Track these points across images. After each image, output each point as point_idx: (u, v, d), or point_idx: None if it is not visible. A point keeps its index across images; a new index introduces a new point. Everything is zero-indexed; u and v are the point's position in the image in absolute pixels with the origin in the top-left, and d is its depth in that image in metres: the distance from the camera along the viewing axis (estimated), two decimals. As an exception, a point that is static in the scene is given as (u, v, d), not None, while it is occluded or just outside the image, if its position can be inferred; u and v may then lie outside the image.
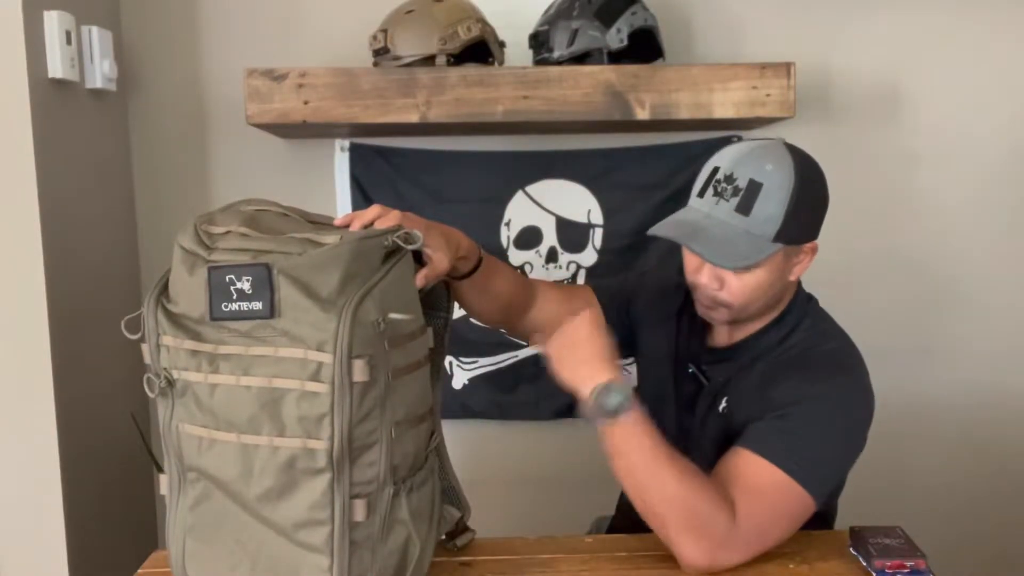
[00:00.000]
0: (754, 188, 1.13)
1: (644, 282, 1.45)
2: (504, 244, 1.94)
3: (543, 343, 1.15)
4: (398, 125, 1.70)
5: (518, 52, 1.79)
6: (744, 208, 1.13)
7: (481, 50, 1.70)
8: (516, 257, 1.95)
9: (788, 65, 1.71)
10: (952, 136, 1.97)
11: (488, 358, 1.97)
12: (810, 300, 1.30)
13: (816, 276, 1.28)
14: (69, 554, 1.53)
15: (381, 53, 1.70)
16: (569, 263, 1.96)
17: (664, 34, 1.78)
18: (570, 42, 1.70)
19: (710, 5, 1.92)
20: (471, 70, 1.67)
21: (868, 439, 1.18)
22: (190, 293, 0.93)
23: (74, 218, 1.59)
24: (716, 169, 1.17)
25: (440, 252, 1.06)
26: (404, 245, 0.97)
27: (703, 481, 1.07)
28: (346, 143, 1.90)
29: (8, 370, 1.49)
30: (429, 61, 1.67)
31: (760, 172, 1.13)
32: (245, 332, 0.91)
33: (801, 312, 1.26)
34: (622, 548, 1.15)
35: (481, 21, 1.69)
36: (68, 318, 1.53)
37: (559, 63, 1.71)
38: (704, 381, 1.29)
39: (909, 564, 1.07)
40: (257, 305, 0.90)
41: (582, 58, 1.71)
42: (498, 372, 1.98)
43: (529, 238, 1.95)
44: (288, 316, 0.89)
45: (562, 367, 1.11)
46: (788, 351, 1.23)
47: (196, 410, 0.94)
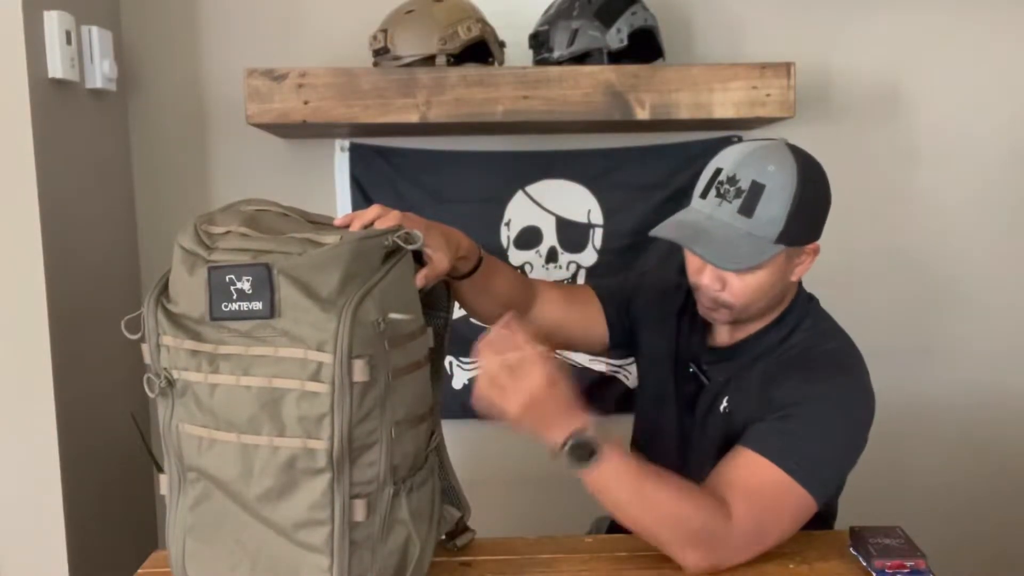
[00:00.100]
0: (757, 190, 1.13)
1: (644, 282, 1.45)
2: (504, 244, 1.94)
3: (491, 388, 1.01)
4: (398, 125, 1.70)
5: (518, 52, 1.79)
6: (747, 210, 1.13)
7: (481, 50, 1.70)
8: (516, 257, 1.95)
9: (788, 65, 1.71)
10: (952, 136, 1.97)
11: (488, 358, 1.97)
12: (811, 300, 1.30)
13: (816, 276, 1.28)
14: (69, 554, 1.53)
15: (381, 53, 1.70)
16: (569, 263, 1.95)
17: (664, 34, 1.78)
18: (570, 42, 1.70)
19: (710, 5, 1.92)
20: (471, 70, 1.67)
21: (868, 439, 1.18)
22: (190, 293, 0.93)
23: (74, 218, 1.59)
24: (719, 170, 1.17)
25: (440, 252, 1.06)
26: (404, 245, 0.97)
27: (692, 493, 1.07)
28: (346, 143, 1.90)
29: (8, 370, 1.49)
30: (429, 61, 1.67)
31: (763, 173, 1.13)
32: (245, 332, 0.91)
33: (802, 312, 1.26)
34: (622, 548, 1.15)
35: (481, 21, 1.69)
36: (68, 318, 1.53)
37: (559, 63, 1.71)
38: (705, 381, 1.29)
39: (909, 564, 1.07)
40: (257, 305, 0.90)
41: (582, 58, 1.71)
42: (498, 372, 1.97)
43: (529, 238, 1.95)
44: (288, 316, 0.89)
45: (523, 424, 1.02)
46: (789, 351, 1.23)
47: (196, 410, 0.94)
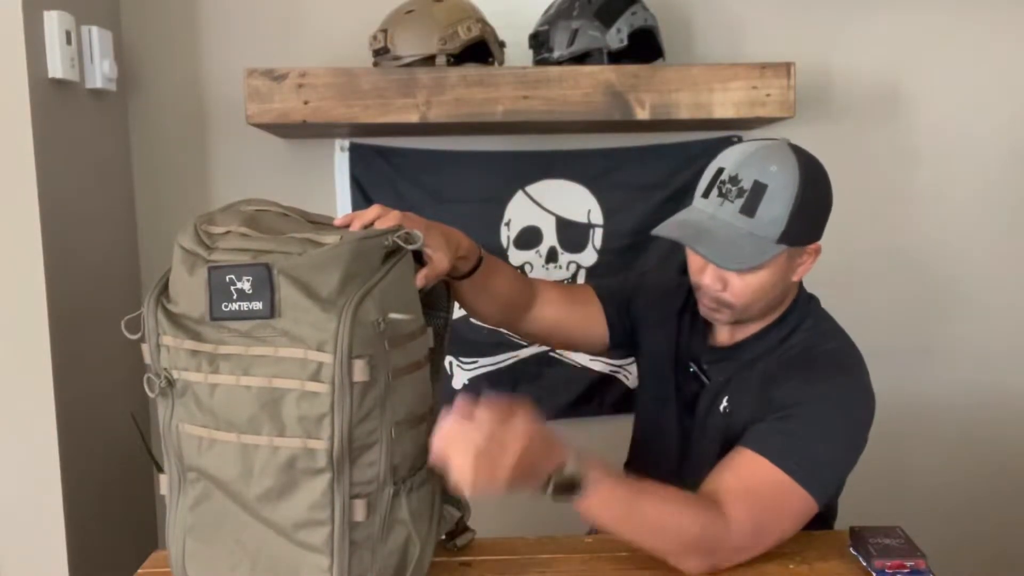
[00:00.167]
0: (759, 190, 1.13)
1: (645, 282, 1.45)
2: (504, 244, 1.94)
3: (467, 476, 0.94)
4: (398, 125, 1.70)
5: (518, 52, 1.79)
6: (749, 210, 1.13)
7: (481, 50, 1.70)
8: (516, 257, 1.95)
9: (788, 65, 1.71)
10: (952, 136, 1.97)
11: (488, 358, 1.97)
12: (811, 300, 1.30)
13: (816, 276, 1.28)
14: (69, 554, 1.53)
15: (381, 53, 1.70)
16: (569, 263, 1.95)
17: (664, 34, 1.78)
18: (570, 42, 1.70)
19: (710, 5, 1.92)
20: (471, 70, 1.67)
21: (868, 439, 1.18)
22: (190, 293, 0.93)
23: (74, 218, 1.59)
24: (721, 170, 1.17)
25: (440, 252, 1.06)
26: (404, 245, 0.97)
27: (685, 502, 1.07)
28: (346, 143, 1.90)
29: (8, 370, 1.49)
30: (429, 61, 1.67)
31: (765, 173, 1.13)
32: (245, 332, 0.91)
33: (803, 312, 1.26)
34: (622, 548, 1.15)
35: (481, 21, 1.69)
36: (68, 318, 1.53)
37: (559, 63, 1.71)
38: (705, 380, 1.29)
39: (909, 564, 1.07)
40: (257, 305, 0.90)
41: (582, 58, 1.71)
42: (498, 372, 1.97)
43: (529, 238, 1.95)
44: (288, 316, 0.89)
45: (514, 486, 0.98)
46: (789, 351, 1.23)
47: (196, 410, 0.94)
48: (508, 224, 1.94)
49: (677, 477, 1.28)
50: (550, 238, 1.95)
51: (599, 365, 1.98)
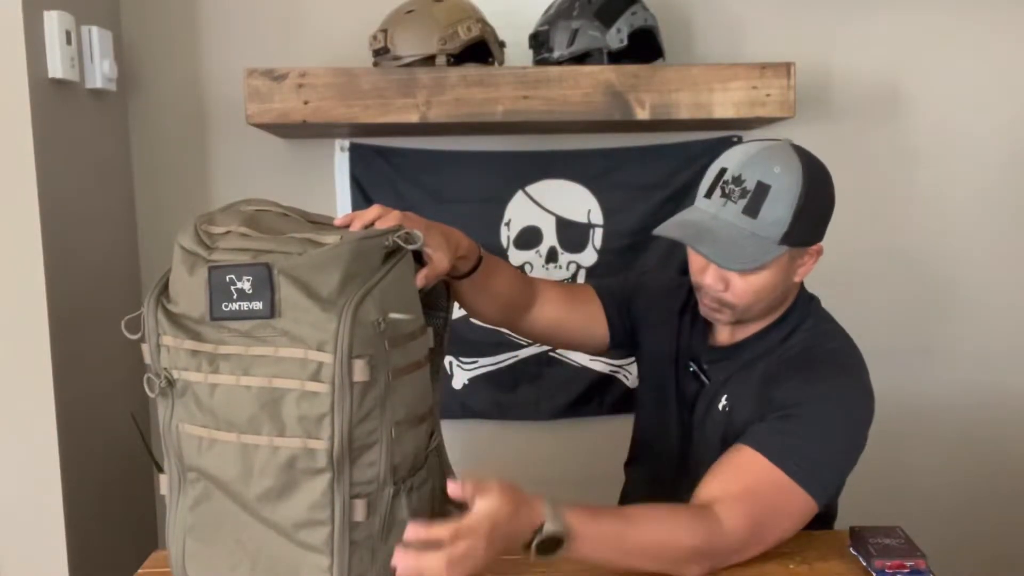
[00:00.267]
0: (762, 190, 1.13)
1: (645, 281, 1.45)
2: (504, 244, 1.94)
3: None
4: (398, 125, 1.70)
5: (518, 52, 1.79)
6: (752, 210, 1.13)
7: (481, 50, 1.70)
8: (516, 257, 1.95)
9: (788, 65, 1.71)
10: (952, 136, 1.97)
11: (488, 358, 1.97)
12: (812, 300, 1.30)
13: (816, 276, 1.28)
14: (69, 554, 1.53)
15: (381, 53, 1.70)
16: (569, 263, 1.95)
17: (664, 34, 1.78)
18: (570, 42, 1.70)
19: (710, 5, 1.92)
20: (471, 70, 1.67)
21: (868, 439, 1.18)
22: (190, 293, 0.93)
23: (74, 218, 1.59)
24: (723, 170, 1.17)
25: (440, 252, 1.06)
26: (405, 245, 0.97)
27: (676, 517, 1.06)
28: (346, 143, 1.90)
29: (8, 370, 1.49)
30: (429, 61, 1.67)
31: (768, 174, 1.13)
32: (245, 332, 0.91)
33: (803, 312, 1.26)
34: (622, 548, 1.15)
35: (481, 21, 1.69)
36: (68, 318, 1.53)
37: (559, 63, 1.71)
38: (705, 380, 1.29)
39: (909, 564, 1.07)
40: (257, 305, 0.90)
41: (582, 58, 1.71)
42: (498, 372, 1.98)
43: (529, 238, 1.95)
44: (288, 316, 0.89)
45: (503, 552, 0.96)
46: (789, 351, 1.23)
47: (196, 410, 0.94)
48: (508, 224, 1.94)
49: (677, 476, 1.28)
50: (550, 238, 1.95)
51: (599, 365, 1.98)
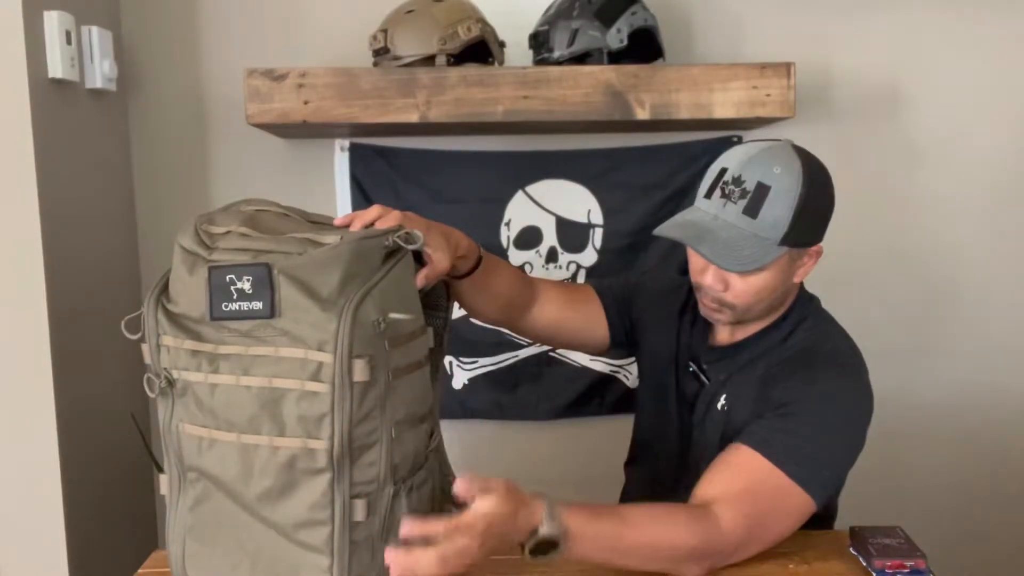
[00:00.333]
0: (762, 191, 1.13)
1: (645, 281, 1.45)
2: (504, 244, 1.94)
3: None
4: (398, 125, 1.70)
5: (518, 52, 1.79)
6: (752, 211, 1.13)
7: (481, 50, 1.70)
8: (516, 257, 1.95)
9: (788, 65, 1.71)
10: (952, 136, 1.97)
11: (488, 358, 1.97)
12: (812, 300, 1.30)
13: (816, 276, 1.28)
14: (69, 554, 1.53)
15: (381, 53, 1.70)
16: (569, 263, 1.96)
17: (664, 34, 1.78)
18: (570, 42, 1.70)
19: (710, 5, 1.92)
20: (471, 70, 1.67)
21: (868, 439, 1.17)
22: (190, 293, 0.93)
23: (74, 218, 1.59)
24: (724, 170, 1.16)
25: (440, 252, 1.06)
26: (405, 245, 0.97)
27: (674, 516, 1.06)
28: (346, 143, 1.90)
29: (8, 370, 1.49)
30: (429, 61, 1.67)
31: (768, 175, 1.13)
32: (245, 332, 0.91)
33: (803, 312, 1.26)
34: (622, 548, 1.15)
35: (481, 21, 1.69)
36: (68, 318, 1.53)
37: (559, 63, 1.71)
38: (705, 380, 1.29)
39: (909, 564, 1.07)
40: (257, 305, 0.90)
41: (582, 58, 1.71)
42: (498, 372, 1.98)
43: (529, 238, 1.95)
44: (288, 316, 0.89)
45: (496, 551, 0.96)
46: (789, 351, 1.23)
47: (196, 410, 0.94)
48: (508, 224, 1.94)
49: (677, 476, 1.28)
50: (550, 238, 1.95)
51: (599, 365, 1.98)
